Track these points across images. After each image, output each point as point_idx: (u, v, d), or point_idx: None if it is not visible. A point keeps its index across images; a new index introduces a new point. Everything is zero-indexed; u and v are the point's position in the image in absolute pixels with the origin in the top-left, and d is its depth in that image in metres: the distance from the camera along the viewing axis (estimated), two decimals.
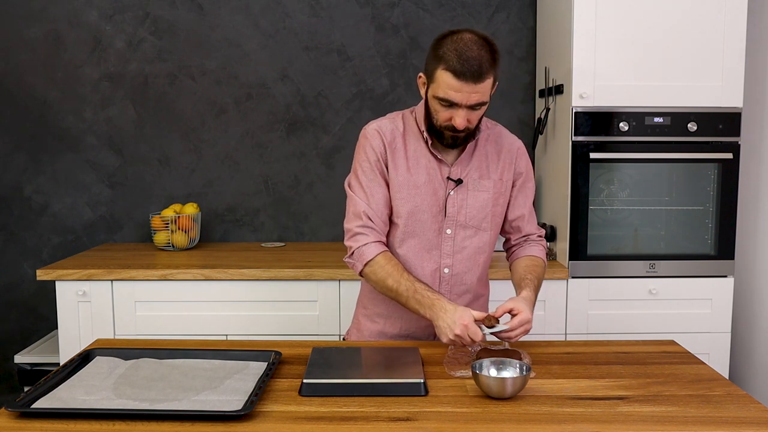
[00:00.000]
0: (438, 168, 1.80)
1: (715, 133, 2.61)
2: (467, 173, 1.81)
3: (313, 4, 3.11)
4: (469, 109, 1.66)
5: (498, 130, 1.90)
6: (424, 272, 1.83)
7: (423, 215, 1.80)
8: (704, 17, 2.56)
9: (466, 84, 1.61)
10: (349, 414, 1.34)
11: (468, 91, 1.62)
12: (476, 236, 1.84)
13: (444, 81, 1.63)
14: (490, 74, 1.63)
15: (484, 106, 1.69)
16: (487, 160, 1.84)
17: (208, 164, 3.18)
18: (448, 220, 1.81)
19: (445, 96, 1.65)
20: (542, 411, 1.36)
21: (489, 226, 1.85)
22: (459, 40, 1.63)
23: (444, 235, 1.82)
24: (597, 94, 2.58)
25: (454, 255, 1.83)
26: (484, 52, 1.62)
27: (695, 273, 2.66)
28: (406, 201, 1.80)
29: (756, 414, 1.34)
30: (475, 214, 1.82)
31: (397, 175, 1.80)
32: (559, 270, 2.62)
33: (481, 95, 1.64)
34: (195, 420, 1.29)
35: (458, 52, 1.61)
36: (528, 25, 3.13)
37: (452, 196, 1.80)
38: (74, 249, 3.16)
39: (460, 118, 1.66)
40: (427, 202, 1.80)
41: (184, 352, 1.63)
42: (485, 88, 1.65)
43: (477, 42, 1.63)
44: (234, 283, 2.59)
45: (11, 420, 1.30)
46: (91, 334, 2.58)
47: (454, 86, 1.62)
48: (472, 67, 1.60)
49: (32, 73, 3.12)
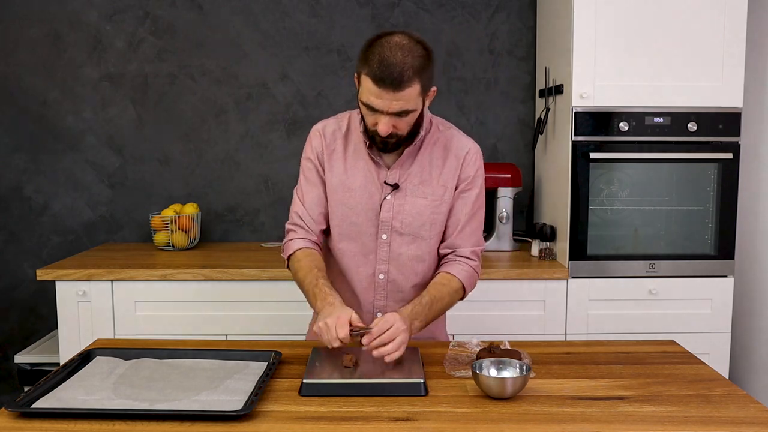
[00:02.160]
0: (376, 171, 1.75)
1: (715, 133, 2.61)
2: (406, 178, 1.75)
3: (313, 4, 3.11)
4: (393, 116, 1.59)
5: (450, 133, 1.80)
6: (359, 276, 1.80)
7: (357, 218, 1.77)
8: (704, 17, 2.56)
9: (386, 91, 1.54)
10: (349, 414, 1.34)
11: (388, 98, 1.55)
12: (413, 243, 1.77)
13: (366, 86, 1.57)
14: (413, 81, 1.55)
15: (411, 113, 1.61)
16: (430, 165, 1.76)
17: (208, 164, 3.18)
18: (383, 225, 1.75)
19: (367, 101, 1.58)
20: (542, 411, 1.36)
21: (429, 234, 1.77)
22: (386, 43, 1.55)
23: (379, 240, 1.77)
24: (597, 94, 2.58)
25: (389, 261, 1.78)
26: (410, 57, 1.54)
27: (695, 273, 2.65)
28: (340, 203, 1.77)
29: (756, 414, 1.34)
30: (411, 220, 1.76)
31: (332, 176, 1.77)
32: (559, 270, 2.62)
33: (403, 103, 1.56)
34: (195, 420, 1.29)
35: (380, 58, 1.53)
36: (528, 25, 3.13)
37: (388, 200, 1.75)
38: (74, 249, 3.16)
39: (383, 124, 1.60)
40: (362, 205, 1.76)
41: (184, 352, 1.63)
42: (408, 96, 1.56)
43: (404, 47, 1.54)
44: (234, 283, 2.59)
45: (11, 420, 1.30)
46: (91, 334, 2.58)
47: (374, 92, 1.55)
48: (392, 74, 1.52)
49: (32, 73, 3.12)
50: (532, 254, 2.83)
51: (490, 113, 3.16)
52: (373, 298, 1.81)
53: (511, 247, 2.92)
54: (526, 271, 2.61)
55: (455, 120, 3.11)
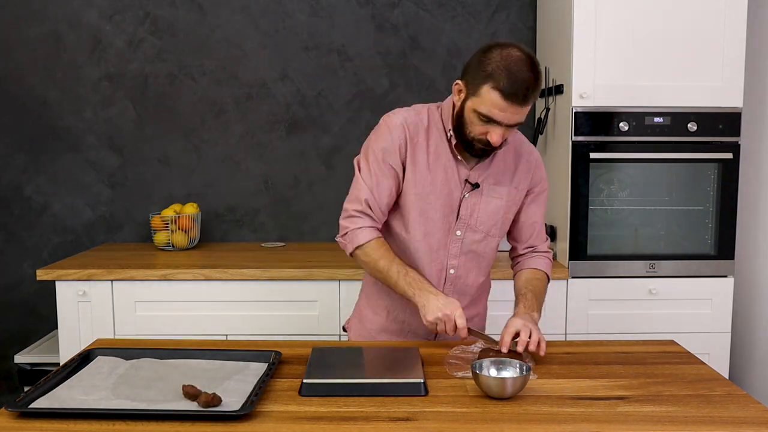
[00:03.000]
0: (456, 169, 1.78)
1: (715, 133, 2.61)
2: (484, 178, 1.80)
3: (313, 4, 3.11)
4: (507, 128, 1.65)
5: (519, 138, 1.87)
6: (429, 270, 1.82)
7: (435, 213, 1.79)
8: (704, 17, 2.56)
9: (512, 106, 1.58)
10: (349, 414, 1.34)
11: (512, 112, 1.60)
12: (484, 241, 1.84)
13: (490, 99, 1.59)
14: (536, 97, 1.62)
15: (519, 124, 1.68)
16: (504, 167, 1.82)
17: (208, 164, 3.18)
18: (459, 222, 1.80)
19: (488, 114, 1.61)
20: (542, 411, 1.36)
21: (497, 232, 1.85)
22: (508, 57, 1.58)
23: (453, 236, 1.81)
24: (597, 94, 2.58)
25: (460, 256, 1.83)
26: (533, 74, 1.58)
27: (695, 273, 2.66)
28: (420, 197, 1.78)
29: (756, 414, 1.34)
30: (486, 219, 1.81)
31: (415, 171, 1.77)
32: (559, 270, 2.62)
33: (522, 117, 1.63)
34: (195, 420, 1.30)
35: (509, 72, 1.56)
36: (528, 25, 3.13)
37: (467, 199, 1.79)
38: (74, 249, 3.16)
39: (497, 135, 1.64)
40: (441, 201, 1.78)
41: (184, 352, 1.63)
42: (526, 112, 1.63)
43: (527, 63, 1.58)
44: (234, 283, 2.59)
45: (11, 420, 1.30)
46: (91, 334, 2.58)
47: (500, 106, 1.59)
48: (522, 89, 1.56)
49: (32, 73, 3.12)
50: None
51: None
52: (442, 291, 1.82)
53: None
54: None
55: None
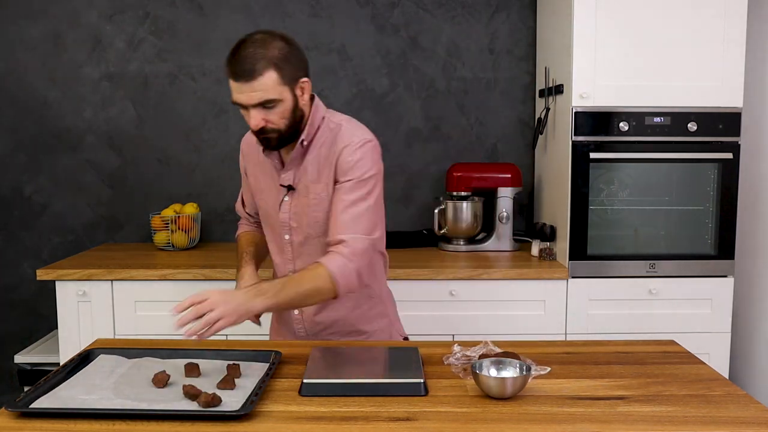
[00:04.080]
0: (277, 174, 1.79)
1: (715, 133, 2.61)
2: (299, 178, 1.76)
3: (313, 4, 3.11)
4: (260, 109, 1.61)
5: (337, 128, 1.74)
6: (280, 272, 1.90)
7: (270, 219, 1.85)
8: (704, 17, 2.56)
9: (242, 84, 1.59)
10: (349, 414, 1.33)
11: (247, 90, 1.59)
12: (308, 243, 1.79)
13: (231, 86, 1.63)
14: (267, 70, 1.57)
15: (278, 104, 1.61)
16: (318, 163, 1.74)
17: (208, 164, 3.18)
18: (282, 226, 1.81)
19: (235, 100, 1.63)
20: (542, 411, 1.35)
21: (317, 232, 1.77)
22: (241, 41, 1.61)
23: (284, 240, 1.83)
24: (597, 94, 2.58)
25: (294, 260, 1.83)
26: (261, 49, 1.58)
27: (695, 273, 2.65)
28: (260, 205, 1.89)
29: (756, 414, 1.34)
30: (306, 220, 1.77)
31: (251, 182, 1.91)
32: (559, 270, 2.62)
33: (262, 93, 1.58)
34: (195, 420, 1.29)
35: (233, 54, 1.60)
36: (528, 25, 3.13)
37: (286, 201, 1.78)
38: (74, 249, 3.16)
39: (252, 118, 1.63)
40: (270, 206, 1.84)
41: (184, 352, 1.63)
42: (264, 85, 1.58)
43: (256, 41, 1.59)
44: (234, 283, 2.59)
45: (11, 420, 1.30)
46: (91, 334, 2.58)
47: (235, 88, 1.61)
48: (244, 66, 1.57)
49: (32, 73, 3.12)
50: (532, 254, 2.83)
51: (490, 113, 3.16)
52: None
53: (511, 247, 2.92)
54: (526, 271, 2.61)
55: (455, 120, 3.11)
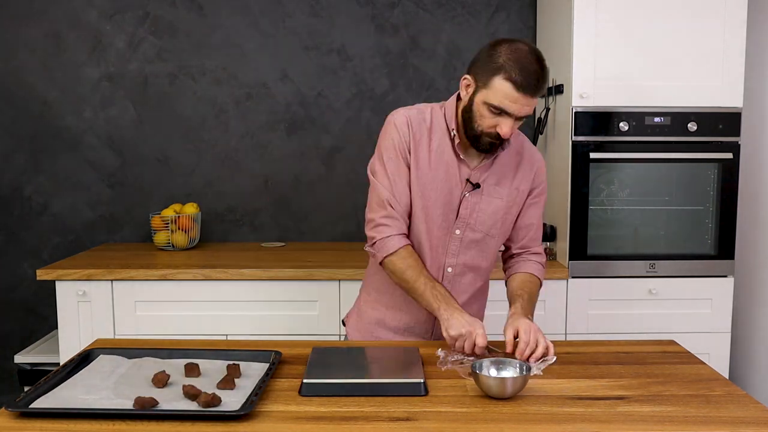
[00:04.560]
0: (458, 168, 1.79)
1: (715, 133, 2.61)
2: (485, 178, 1.80)
3: (313, 4, 3.11)
4: (516, 120, 1.68)
5: (521, 139, 1.89)
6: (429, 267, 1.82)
7: (435, 211, 1.79)
8: (704, 17, 2.56)
9: (524, 96, 1.62)
10: (349, 414, 1.34)
11: (523, 103, 1.64)
12: (483, 241, 1.84)
13: (502, 90, 1.63)
14: (544, 89, 1.67)
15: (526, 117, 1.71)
16: (506, 168, 1.83)
17: (208, 164, 3.18)
18: (459, 221, 1.80)
19: (499, 105, 1.64)
20: (542, 411, 1.36)
21: (497, 233, 1.85)
22: (518, 50, 1.64)
23: (452, 234, 1.81)
24: (597, 94, 2.58)
25: (458, 255, 1.83)
26: (541, 67, 1.64)
27: (695, 273, 2.66)
28: (421, 195, 1.79)
29: (756, 414, 1.34)
30: (485, 219, 1.82)
31: (417, 168, 1.78)
32: (559, 270, 2.62)
33: (531, 108, 1.67)
34: (195, 420, 1.29)
35: (520, 64, 1.62)
36: (528, 25, 3.13)
37: (467, 198, 1.80)
38: (74, 249, 3.16)
39: (507, 127, 1.67)
40: (441, 199, 1.79)
41: (184, 352, 1.63)
42: (536, 103, 1.68)
43: (535, 55, 1.65)
44: (234, 283, 2.59)
45: (11, 420, 1.30)
46: (91, 334, 2.58)
47: (512, 97, 1.63)
48: (533, 80, 1.62)
49: (32, 73, 3.12)
50: None
51: None
52: None
53: None
54: None
55: None
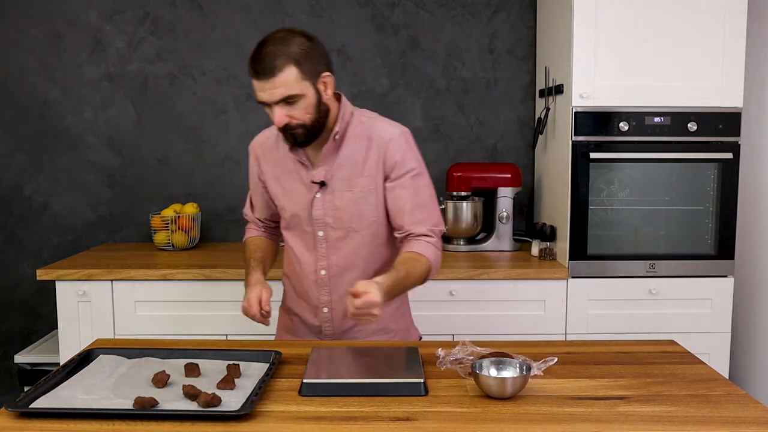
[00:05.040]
0: (304, 171, 1.79)
1: (715, 133, 2.61)
2: (332, 174, 1.77)
3: (313, 4, 3.11)
4: (283, 105, 1.63)
5: (372, 123, 1.79)
6: (305, 272, 1.86)
7: (297, 218, 1.82)
8: (704, 17, 2.56)
9: (263, 81, 1.60)
10: (349, 414, 1.34)
11: (268, 87, 1.60)
12: (348, 237, 1.79)
13: (253, 84, 1.64)
14: (286, 66, 1.59)
15: (301, 99, 1.63)
16: (354, 157, 1.76)
17: (208, 164, 3.18)
18: (316, 222, 1.80)
19: (257, 98, 1.65)
20: (542, 411, 1.36)
21: (360, 226, 1.78)
22: (262, 41, 1.63)
23: (317, 237, 1.81)
24: (597, 94, 2.58)
25: (329, 257, 1.82)
26: (281, 46, 1.59)
27: (695, 273, 2.65)
28: (284, 206, 1.85)
29: (756, 414, 1.34)
30: (341, 215, 1.78)
31: (271, 184, 1.86)
32: (559, 270, 2.62)
33: (283, 89, 1.60)
34: (195, 420, 1.30)
35: (253, 53, 1.62)
36: (528, 25, 3.13)
37: (318, 198, 1.78)
38: (74, 249, 3.16)
39: (276, 115, 1.65)
40: (298, 205, 1.81)
41: (184, 352, 1.63)
42: (285, 81, 1.60)
43: (276, 39, 1.61)
44: (234, 283, 2.59)
45: (11, 420, 1.30)
46: (91, 334, 2.58)
47: (256, 86, 1.63)
48: (264, 63, 1.59)
49: (32, 73, 3.12)
50: (532, 254, 2.83)
51: (490, 113, 3.16)
52: (318, 294, 1.84)
53: (511, 247, 2.92)
54: (526, 271, 2.61)
55: (455, 120, 3.11)
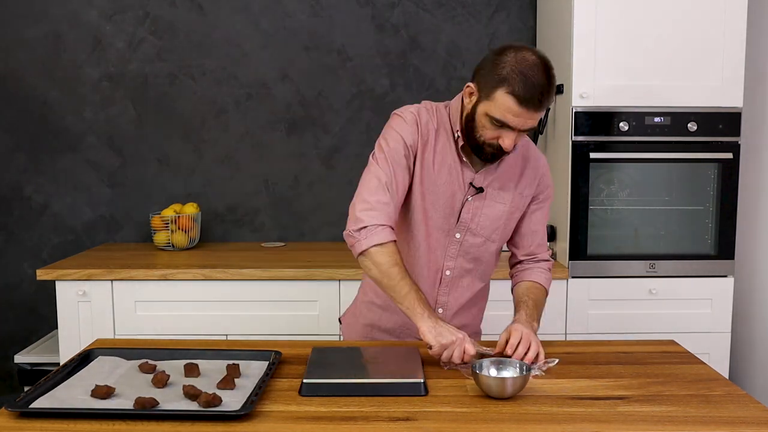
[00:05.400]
0: (461, 171, 1.76)
1: (715, 133, 2.61)
2: (489, 182, 1.77)
3: (313, 4, 3.11)
4: (519, 132, 1.63)
5: (526, 142, 1.83)
6: (425, 270, 1.81)
7: (435, 213, 1.77)
8: (704, 17, 2.56)
9: (527, 111, 1.56)
10: (349, 414, 1.34)
11: (527, 117, 1.57)
12: (483, 246, 1.82)
13: (504, 103, 1.56)
14: (550, 102, 1.60)
15: None
16: (510, 172, 1.79)
17: (208, 164, 3.18)
18: (460, 225, 1.78)
19: (501, 118, 1.58)
20: (542, 411, 1.36)
21: (498, 238, 1.83)
22: (523, 61, 1.55)
23: (452, 238, 1.79)
24: (597, 94, 2.58)
25: (457, 258, 1.82)
26: (547, 78, 1.56)
27: (695, 273, 2.66)
28: (423, 196, 1.75)
29: (756, 414, 1.34)
30: (488, 224, 1.79)
31: (421, 167, 1.73)
32: (559, 270, 2.62)
33: (536, 121, 1.60)
34: (195, 420, 1.29)
35: (524, 77, 1.53)
36: (528, 25, 3.13)
37: (469, 202, 1.77)
38: (74, 249, 3.16)
39: (509, 140, 1.62)
40: (442, 202, 1.76)
41: (184, 352, 1.63)
42: (541, 114, 1.61)
43: (541, 67, 1.56)
44: (234, 283, 2.59)
45: (11, 420, 1.30)
46: (91, 334, 2.58)
47: (515, 111, 1.56)
48: (536, 94, 1.54)
49: (32, 73, 3.12)
50: None
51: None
52: (437, 293, 1.83)
53: None
54: None
55: None
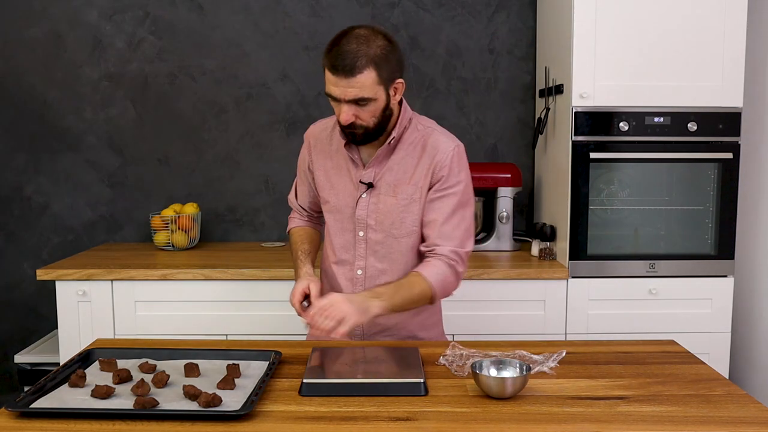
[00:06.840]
0: (354, 169, 1.80)
1: (715, 133, 2.61)
2: (381, 176, 1.77)
3: (313, 4, 3.11)
4: (352, 104, 1.63)
5: (428, 132, 1.79)
6: (343, 269, 1.85)
7: (340, 214, 1.83)
8: (704, 17, 2.56)
9: (340, 78, 1.60)
10: (349, 414, 1.34)
11: (343, 85, 1.60)
12: (387, 242, 1.80)
13: (327, 77, 1.63)
14: (366, 69, 1.59)
15: (371, 102, 1.63)
16: (405, 164, 1.77)
17: (208, 164, 3.18)
18: (358, 222, 1.80)
19: (327, 91, 1.65)
20: (542, 411, 1.36)
21: (400, 233, 1.79)
22: (343, 34, 1.62)
23: (357, 236, 1.82)
24: (597, 94, 2.58)
25: (366, 257, 1.82)
26: (364, 46, 1.59)
27: (695, 273, 2.65)
28: (326, 200, 1.86)
29: (756, 414, 1.35)
30: (383, 219, 1.78)
31: (319, 175, 1.87)
32: (559, 270, 2.62)
33: (358, 90, 1.60)
34: (195, 420, 1.30)
35: (335, 47, 1.60)
36: (528, 25, 3.13)
37: (363, 198, 1.78)
38: (74, 249, 3.16)
39: (343, 113, 1.65)
40: (343, 202, 1.82)
41: (184, 352, 1.63)
42: (362, 83, 1.60)
43: (360, 36, 1.60)
44: (234, 283, 2.59)
45: (11, 420, 1.30)
46: (91, 334, 2.58)
47: (332, 80, 1.62)
48: (345, 60, 1.58)
49: (32, 73, 3.12)
50: (532, 254, 2.83)
51: (490, 113, 3.16)
52: (352, 291, 1.84)
53: (511, 247, 2.92)
54: (526, 271, 2.61)
55: (455, 120, 3.11)
